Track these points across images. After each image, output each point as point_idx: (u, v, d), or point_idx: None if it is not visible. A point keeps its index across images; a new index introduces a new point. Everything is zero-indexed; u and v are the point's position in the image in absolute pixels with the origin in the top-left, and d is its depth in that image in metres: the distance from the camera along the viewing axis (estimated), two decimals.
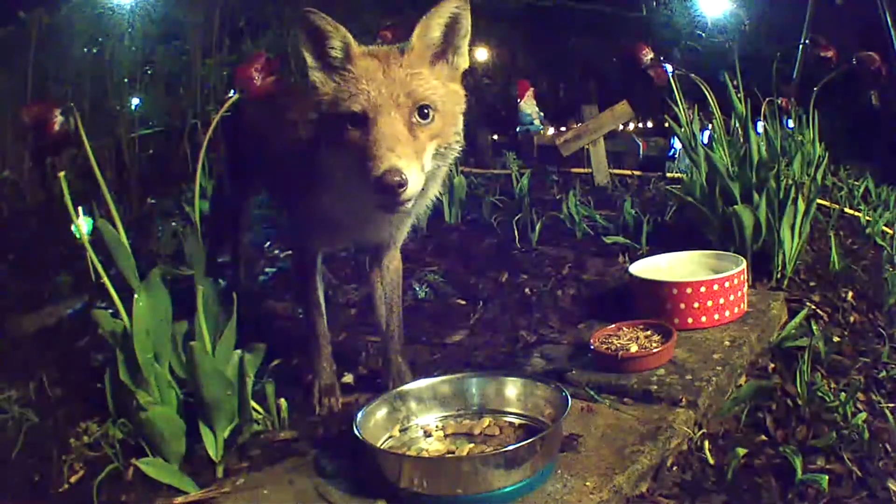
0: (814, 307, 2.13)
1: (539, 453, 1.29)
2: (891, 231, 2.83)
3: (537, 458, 1.29)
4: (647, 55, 2.33)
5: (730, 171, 2.33)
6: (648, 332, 1.83)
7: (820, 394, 1.72)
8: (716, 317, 1.92)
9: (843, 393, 1.74)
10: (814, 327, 1.97)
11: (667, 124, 2.58)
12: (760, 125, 2.57)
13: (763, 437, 1.62)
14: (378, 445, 1.41)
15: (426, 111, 1.36)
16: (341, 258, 2.74)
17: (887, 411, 1.73)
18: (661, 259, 2.16)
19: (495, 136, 5.41)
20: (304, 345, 1.88)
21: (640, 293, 2.02)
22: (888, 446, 1.62)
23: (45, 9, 3.68)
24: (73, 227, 1.45)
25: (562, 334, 2.02)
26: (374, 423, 1.46)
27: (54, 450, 1.55)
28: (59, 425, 1.65)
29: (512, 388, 1.55)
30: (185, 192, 3.38)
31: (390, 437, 1.48)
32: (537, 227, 2.82)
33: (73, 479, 1.49)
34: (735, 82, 2.40)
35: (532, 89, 5.22)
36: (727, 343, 1.83)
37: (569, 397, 1.42)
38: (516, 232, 2.83)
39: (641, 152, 4.81)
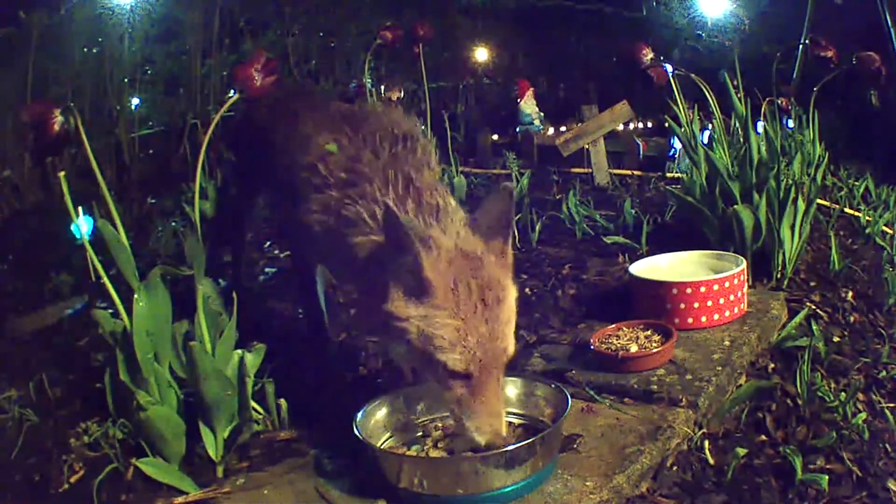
0: (814, 307, 2.13)
1: (539, 453, 1.29)
2: (891, 231, 2.83)
3: (537, 458, 1.29)
4: (647, 55, 2.32)
5: (730, 171, 2.33)
6: (648, 332, 1.83)
7: (820, 394, 1.72)
8: (716, 317, 1.92)
9: (843, 393, 1.74)
10: (814, 327, 1.97)
11: (667, 124, 2.57)
12: (760, 125, 2.57)
13: (763, 437, 1.62)
14: (378, 445, 1.41)
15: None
16: None
17: (887, 411, 1.73)
18: (661, 259, 2.16)
19: (495, 136, 5.41)
20: (305, 345, 1.88)
21: (640, 293, 2.02)
22: (888, 446, 1.62)
23: (45, 9, 3.68)
24: (73, 227, 1.44)
25: (562, 334, 2.02)
26: (374, 423, 1.46)
27: (54, 450, 1.55)
28: (59, 425, 1.65)
29: (512, 388, 1.54)
30: (185, 192, 3.38)
31: (390, 437, 1.48)
32: (537, 227, 2.82)
33: (73, 479, 1.49)
34: (735, 82, 2.40)
35: (532, 89, 5.22)
36: (727, 343, 1.83)
37: (569, 397, 1.42)
38: (516, 232, 2.83)
39: (641, 152, 4.81)
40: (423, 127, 1.64)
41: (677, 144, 4.17)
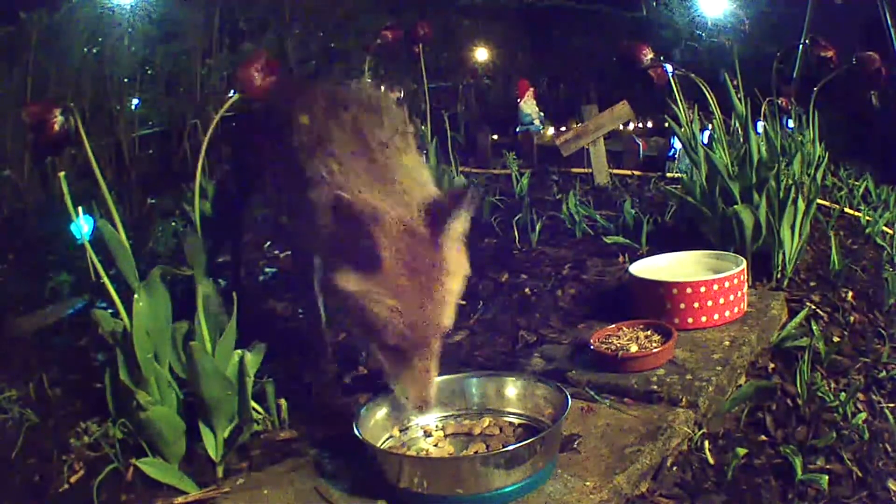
0: (814, 307, 2.13)
1: (539, 453, 1.29)
2: (891, 231, 2.83)
3: (537, 458, 1.29)
4: (647, 55, 2.32)
5: (730, 171, 2.33)
6: (648, 332, 1.83)
7: (820, 394, 1.72)
8: (716, 317, 1.92)
9: (843, 393, 1.74)
10: (814, 327, 1.97)
11: (667, 124, 2.57)
12: (760, 125, 2.57)
13: (763, 437, 1.62)
14: (378, 445, 1.41)
15: None
16: None
17: (887, 411, 1.73)
18: (661, 259, 2.16)
19: (495, 136, 5.41)
20: (304, 345, 1.88)
21: (640, 293, 2.02)
22: (888, 446, 1.62)
23: (45, 9, 3.68)
24: (73, 227, 1.44)
25: (562, 334, 2.02)
26: (374, 423, 1.46)
27: (54, 450, 1.55)
28: (59, 425, 1.65)
29: (512, 388, 1.55)
30: (185, 192, 3.38)
31: (390, 437, 1.49)
32: (537, 227, 2.82)
33: (73, 479, 1.49)
34: (735, 82, 2.40)
35: (532, 89, 5.22)
36: (727, 343, 1.83)
37: (569, 397, 1.42)
38: (516, 232, 2.83)
39: (641, 152, 4.81)
40: (386, 93, 1.66)
41: (677, 144, 4.17)
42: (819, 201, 2.57)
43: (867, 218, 2.91)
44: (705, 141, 2.60)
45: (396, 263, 1.29)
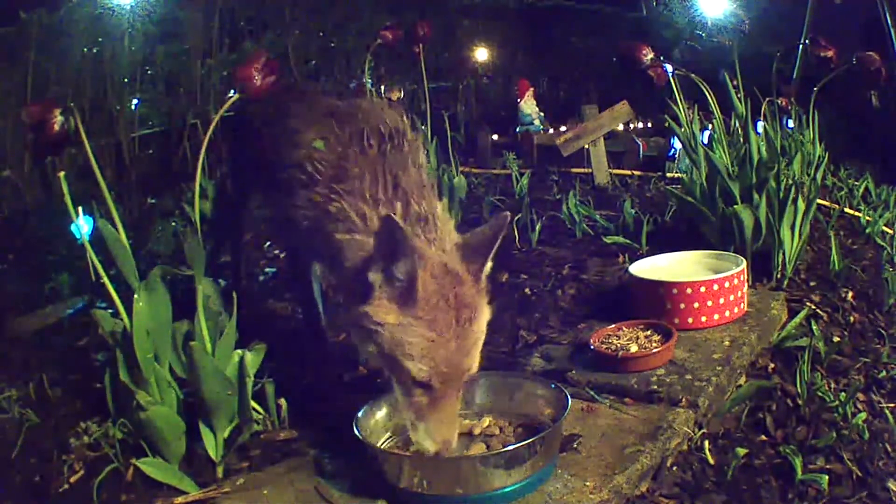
0: (814, 307, 2.13)
1: (539, 453, 1.29)
2: (891, 231, 2.83)
3: (537, 458, 1.29)
4: (647, 55, 2.32)
5: (730, 171, 2.33)
6: (648, 332, 1.83)
7: (820, 394, 1.72)
8: (716, 317, 1.92)
9: (843, 393, 1.74)
10: (814, 327, 1.97)
11: (667, 124, 2.57)
12: (760, 125, 2.57)
13: (763, 437, 1.62)
14: (378, 445, 1.41)
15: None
16: None
17: (887, 411, 1.73)
18: (661, 259, 2.16)
19: (495, 136, 5.41)
20: (304, 345, 1.88)
21: (640, 293, 2.02)
22: (888, 446, 1.62)
23: (45, 9, 3.68)
24: (73, 227, 1.44)
25: (562, 334, 2.02)
26: (374, 423, 1.46)
27: (54, 450, 1.55)
28: (59, 425, 1.65)
29: (512, 387, 1.55)
30: (185, 192, 3.38)
31: (390, 437, 1.48)
32: (537, 227, 2.82)
33: (73, 479, 1.49)
34: (735, 82, 2.40)
35: (532, 89, 5.22)
36: (727, 343, 1.83)
37: (569, 397, 1.42)
38: (516, 232, 2.83)
39: (641, 152, 4.81)
40: (409, 122, 1.64)
41: (677, 144, 4.17)
42: (819, 201, 2.57)
43: (867, 218, 2.91)
44: (705, 141, 2.60)
45: (436, 299, 1.28)
